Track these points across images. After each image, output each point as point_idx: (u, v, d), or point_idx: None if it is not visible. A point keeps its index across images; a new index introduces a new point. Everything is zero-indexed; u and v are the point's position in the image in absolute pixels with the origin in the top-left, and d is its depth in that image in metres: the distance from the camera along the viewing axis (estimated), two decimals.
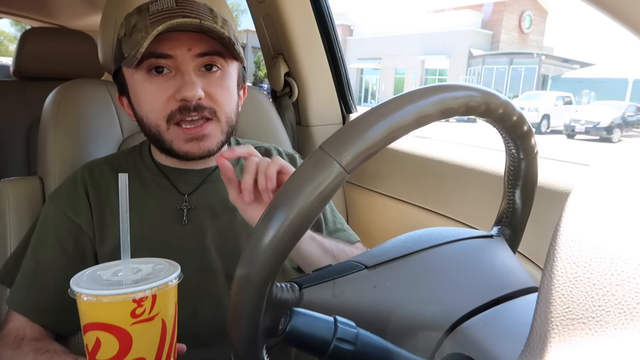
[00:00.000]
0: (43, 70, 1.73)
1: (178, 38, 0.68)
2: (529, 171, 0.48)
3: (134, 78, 0.71)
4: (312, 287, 0.41)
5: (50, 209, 0.73)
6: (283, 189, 0.35)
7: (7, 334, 0.66)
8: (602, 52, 36.54)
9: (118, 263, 0.47)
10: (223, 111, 0.72)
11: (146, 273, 0.45)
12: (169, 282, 0.44)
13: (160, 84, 0.69)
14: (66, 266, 0.70)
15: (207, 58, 0.70)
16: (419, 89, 0.37)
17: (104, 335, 0.42)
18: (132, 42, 0.67)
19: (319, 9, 1.31)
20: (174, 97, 0.68)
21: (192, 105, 0.68)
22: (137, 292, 0.41)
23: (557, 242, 0.26)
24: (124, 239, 0.46)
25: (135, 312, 0.42)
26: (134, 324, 0.42)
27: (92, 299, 0.41)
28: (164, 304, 0.44)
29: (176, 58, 0.68)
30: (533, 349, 0.25)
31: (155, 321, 0.43)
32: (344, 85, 1.39)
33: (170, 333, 0.45)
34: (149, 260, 0.48)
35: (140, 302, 0.42)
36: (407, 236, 0.48)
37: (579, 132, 12.76)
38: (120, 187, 0.47)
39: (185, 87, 0.67)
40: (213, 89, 0.70)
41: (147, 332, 0.43)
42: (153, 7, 0.68)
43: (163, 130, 0.70)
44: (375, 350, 0.35)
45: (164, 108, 0.69)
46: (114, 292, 0.41)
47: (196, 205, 0.75)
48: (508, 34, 22.77)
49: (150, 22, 0.66)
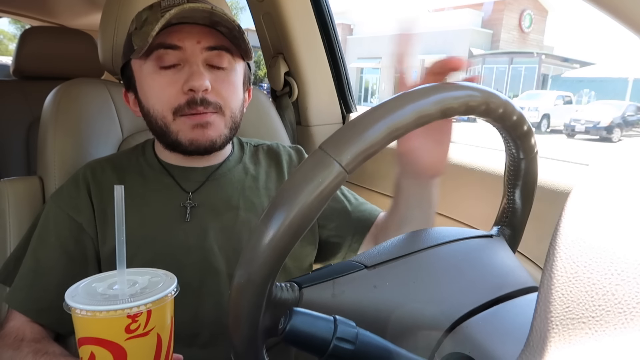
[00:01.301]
0: (43, 70, 1.73)
1: (188, 31, 0.70)
2: (529, 171, 0.48)
3: (142, 70, 0.72)
4: (311, 287, 0.41)
5: (52, 208, 0.73)
6: (283, 189, 0.35)
7: (7, 334, 0.66)
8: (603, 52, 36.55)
9: (114, 274, 0.46)
10: (228, 106, 0.73)
11: (142, 286, 0.45)
12: (165, 297, 0.43)
13: (169, 77, 0.70)
14: (67, 265, 0.70)
15: (216, 52, 0.71)
16: (418, 89, 0.37)
17: (99, 350, 0.42)
18: (143, 35, 0.68)
19: (319, 8, 1.31)
20: (181, 89, 0.69)
21: (199, 99, 0.69)
22: (131, 307, 0.41)
23: (557, 242, 0.26)
24: (119, 250, 0.45)
25: (129, 327, 0.41)
26: (129, 339, 0.42)
27: (86, 314, 0.41)
28: (160, 318, 0.44)
29: (185, 50, 0.69)
30: (533, 348, 0.25)
31: (150, 336, 0.43)
32: (344, 84, 1.39)
33: (166, 347, 0.45)
34: (145, 271, 0.48)
35: (135, 317, 0.41)
36: (407, 236, 0.48)
37: (579, 131, 12.76)
38: (116, 199, 0.46)
39: (193, 77, 0.68)
40: (220, 84, 0.71)
41: (142, 347, 0.43)
42: (164, 2, 0.70)
43: (169, 122, 0.71)
44: (375, 350, 0.35)
45: (172, 100, 0.70)
46: (109, 307, 0.41)
47: (199, 203, 0.75)
48: (508, 33, 22.75)
49: (162, 14, 0.67)
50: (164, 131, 0.72)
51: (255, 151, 0.87)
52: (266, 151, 0.87)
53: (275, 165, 0.85)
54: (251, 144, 0.89)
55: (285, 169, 0.85)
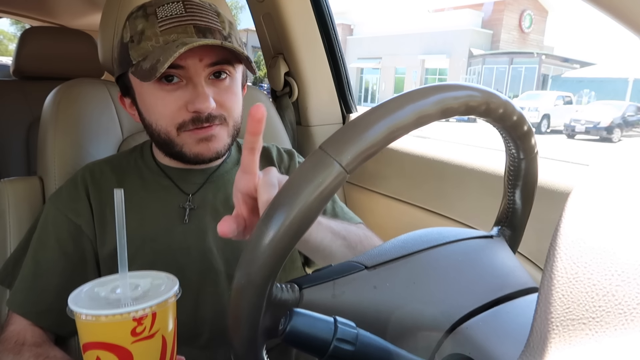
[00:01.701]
0: (43, 70, 1.73)
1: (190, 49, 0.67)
2: (529, 171, 0.48)
3: (142, 86, 0.70)
4: (312, 288, 0.41)
5: (51, 210, 0.73)
6: (283, 189, 0.35)
7: (7, 338, 0.66)
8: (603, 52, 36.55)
9: (116, 278, 0.46)
10: (232, 116, 0.72)
11: (145, 289, 0.45)
12: (169, 299, 0.44)
13: (171, 93, 0.68)
14: (66, 267, 0.70)
15: (217, 67, 0.69)
16: (419, 89, 0.37)
17: (105, 355, 0.42)
18: (142, 51, 0.66)
19: (319, 8, 1.31)
20: (185, 107, 0.68)
21: (204, 117, 0.68)
22: (137, 310, 0.41)
23: (557, 243, 0.26)
24: (121, 254, 0.45)
25: (135, 330, 0.41)
26: (135, 342, 0.42)
27: (91, 319, 0.41)
28: (164, 320, 0.44)
29: (188, 69, 0.67)
30: (533, 349, 0.25)
31: (156, 338, 0.43)
32: (344, 84, 1.39)
33: (170, 348, 0.46)
34: (146, 274, 0.48)
35: (141, 320, 0.41)
36: (407, 236, 0.48)
37: (579, 132, 12.75)
38: (116, 202, 0.46)
39: (199, 100, 0.67)
40: (223, 97, 0.70)
41: (148, 350, 0.43)
42: (161, 12, 0.67)
43: (174, 137, 0.70)
44: (375, 351, 0.35)
45: (176, 117, 0.69)
46: (114, 311, 0.41)
47: (198, 205, 0.75)
48: (508, 33, 22.76)
49: (161, 30, 0.65)
50: (168, 144, 0.71)
51: None
52: (262, 153, 0.87)
53: (269, 165, 0.85)
54: None
55: (276, 167, 0.85)
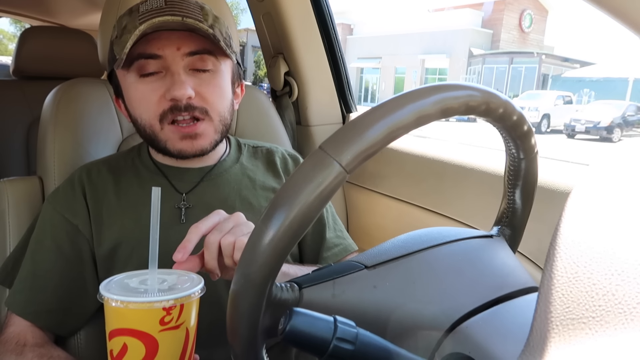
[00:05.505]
0: (43, 70, 1.73)
1: (167, 37, 0.68)
2: (529, 171, 0.48)
3: (126, 80, 0.71)
4: (312, 287, 0.41)
5: (48, 211, 0.73)
6: (283, 189, 0.35)
7: (7, 340, 0.66)
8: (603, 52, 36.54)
9: (145, 272, 0.49)
10: (215, 110, 0.72)
11: (172, 283, 0.47)
12: (194, 294, 0.46)
13: (150, 84, 0.69)
14: (64, 268, 0.70)
15: (198, 57, 0.69)
16: (418, 89, 0.37)
17: (132, 341, 0.43)
18: (122, 44, 0.67)
19: (319, 8, 1.31)
20: (164, 96, 0.68)
21: (183, 105, 0.68)
22: (168, 300, 0.43)
23: (557, 242, 0.26)
24: (152, 249, 0.48)
25: (164, 319, 0.43)
26: (162, 331, 0.43)
27: (122, 306, 0.43)
28: (189, 314, 0.46)
29: (165, 58, 0.68)
30: (533, 348, 0.25)
31: (181, 330, 0.45)
32: (344, 84, 1.39)
33: (192, 343, 0.47)
34: (172, 272, 0.50)
35: (170, 310, 0.43)
36: (407, 236, 0.48)
37: (579, 131, 12.76)
38: (153, 200, 0.49)
39: (175, 87, 0.67)
40: (204, 89, 0.70)
41: (173, 340, 0.45)
42: (143, 7, 0.68)
43: (157, 130, 0.71)
44: (375, 350, 0.35)
45: (156, 108, 0.69)
46: (146, 299, 0.43)
47: (194, 204, 0.75)
48: (508, 33, 22.76)
49: (139, 22, 0.66)
50: (153, 139, 0.72)
51: (253, 152, 0.87)
52: (265, 153, 0.87)
53: (272, 168, 0.85)
54: (249, 145, 0.88)
55: (281, 173, 0.85)
